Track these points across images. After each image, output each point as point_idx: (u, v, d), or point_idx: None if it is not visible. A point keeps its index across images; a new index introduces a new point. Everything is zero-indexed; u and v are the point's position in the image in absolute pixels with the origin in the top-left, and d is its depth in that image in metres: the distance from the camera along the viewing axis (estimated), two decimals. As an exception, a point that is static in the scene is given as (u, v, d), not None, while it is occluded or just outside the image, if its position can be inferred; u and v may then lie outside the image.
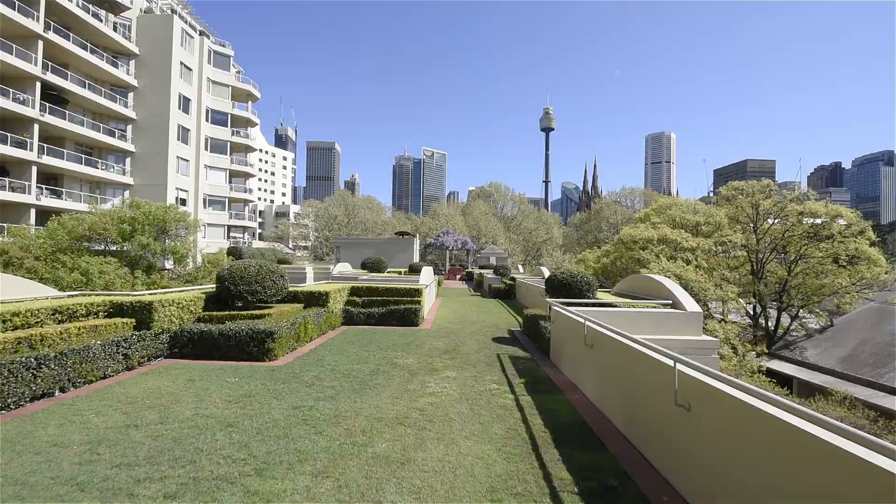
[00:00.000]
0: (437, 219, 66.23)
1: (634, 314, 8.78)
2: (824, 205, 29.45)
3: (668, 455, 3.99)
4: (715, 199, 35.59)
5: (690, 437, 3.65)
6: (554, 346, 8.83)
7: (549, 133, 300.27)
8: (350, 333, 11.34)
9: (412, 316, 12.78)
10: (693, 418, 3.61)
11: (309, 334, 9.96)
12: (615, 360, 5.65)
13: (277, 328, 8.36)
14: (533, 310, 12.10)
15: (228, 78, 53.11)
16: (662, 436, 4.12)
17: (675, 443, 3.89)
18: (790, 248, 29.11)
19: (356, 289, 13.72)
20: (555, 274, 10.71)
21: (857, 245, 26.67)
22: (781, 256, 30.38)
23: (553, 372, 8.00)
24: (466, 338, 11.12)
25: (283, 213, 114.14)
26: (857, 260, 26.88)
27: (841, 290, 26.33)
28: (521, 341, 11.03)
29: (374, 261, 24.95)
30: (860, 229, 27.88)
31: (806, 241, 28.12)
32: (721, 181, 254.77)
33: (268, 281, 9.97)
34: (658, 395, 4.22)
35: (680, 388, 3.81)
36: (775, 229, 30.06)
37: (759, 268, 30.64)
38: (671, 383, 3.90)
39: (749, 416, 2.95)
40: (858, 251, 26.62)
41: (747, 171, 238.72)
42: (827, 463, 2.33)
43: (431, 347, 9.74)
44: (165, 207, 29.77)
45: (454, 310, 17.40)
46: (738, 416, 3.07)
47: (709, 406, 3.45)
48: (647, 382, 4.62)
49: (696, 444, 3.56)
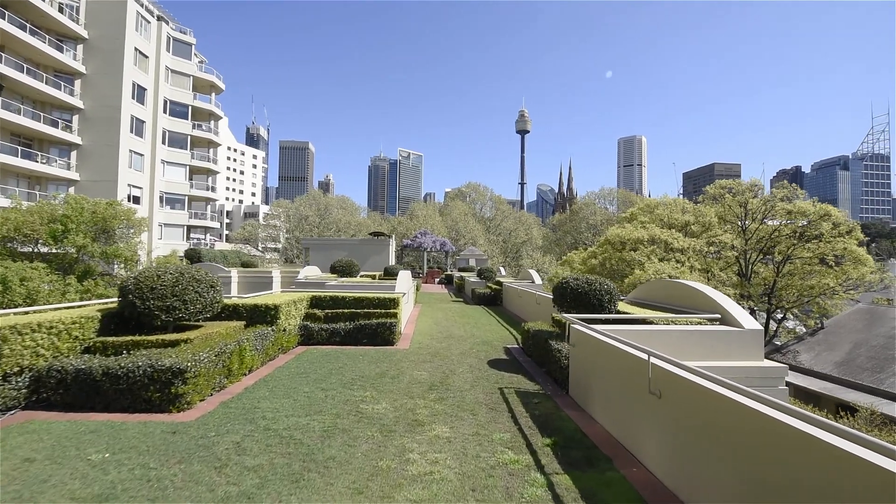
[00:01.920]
0: (415, 219, 63.70)
1: (678, 334, 6.68)
2: (812, 203, 28.79)
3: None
4: (702, 198, 34.50)
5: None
6: (577, 377, 6.62)
7: (525, 135, 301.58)
8: (306, 359, 8.82)
9: (386, 333, 10.37)
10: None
11: (247, 365, 7.42)
12: (714, 424, 3.47)
13: (192, 362, 5.82)
14: (534, 324, 9.89)
15: (189, 67, 49.36)
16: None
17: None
18: (778, 248, 28.32)
19: (318, 299, 11.18)
20: (566, 281, 8.51)
21: (845, 245, 25.94)
22: (768, 258, 29.64)
23: (582, 418, 5.76)
24: (455, 362, 8.79)
25: (253, 213, 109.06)
26: (842, 260, 26.28)
27: (828, 290, 25.60)
28: (522, 365, 8.80)
29: (344, 264, 22.31)
30: (848, 229, 27.25)
31: (794, 241, 27.32)
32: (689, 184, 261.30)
33: (191, 293, 7.38)
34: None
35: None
36: (763, 229, 29.27)
37: (748, 269, 29.70)
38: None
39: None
40: (847, 251, 25.91)
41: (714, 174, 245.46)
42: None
43: (412, 380, 7.35)
44: (107, 204, 26.34)
45: (436, 320, 15.04)
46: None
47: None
48: (794, 476, 2.46)
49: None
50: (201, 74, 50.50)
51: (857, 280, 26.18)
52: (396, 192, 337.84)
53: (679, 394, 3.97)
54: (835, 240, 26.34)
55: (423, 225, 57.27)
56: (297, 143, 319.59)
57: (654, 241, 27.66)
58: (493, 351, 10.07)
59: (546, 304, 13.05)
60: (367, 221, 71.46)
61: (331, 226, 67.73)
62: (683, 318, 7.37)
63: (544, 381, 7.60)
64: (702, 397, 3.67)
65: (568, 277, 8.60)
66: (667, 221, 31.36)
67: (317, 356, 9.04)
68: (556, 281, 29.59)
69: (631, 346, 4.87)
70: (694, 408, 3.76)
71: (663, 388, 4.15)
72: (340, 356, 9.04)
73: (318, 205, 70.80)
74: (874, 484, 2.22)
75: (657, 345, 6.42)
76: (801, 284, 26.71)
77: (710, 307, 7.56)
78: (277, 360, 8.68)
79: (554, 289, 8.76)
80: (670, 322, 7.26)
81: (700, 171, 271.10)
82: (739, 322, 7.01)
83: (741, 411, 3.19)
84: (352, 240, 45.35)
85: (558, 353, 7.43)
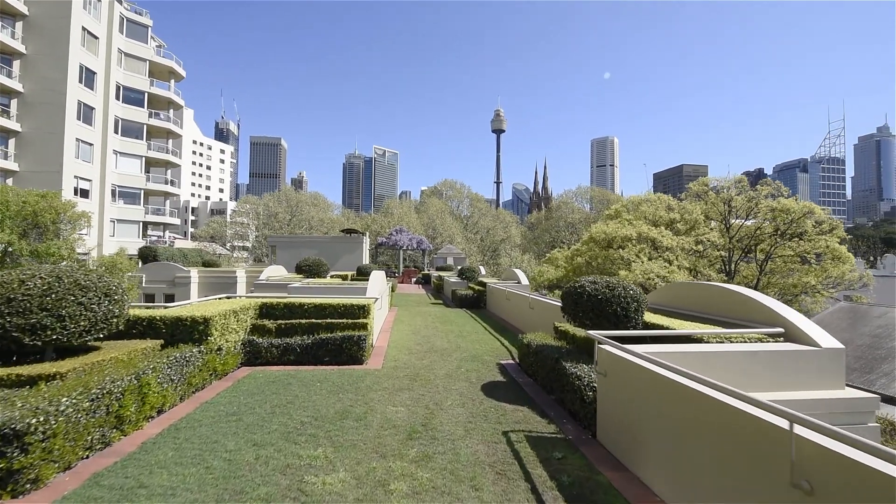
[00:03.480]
0: (390, 216, 61.33)
1: (741, 356, 5.00)
2: (795, 200, 28.45)
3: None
4: (684, 195, 33.81)
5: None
6: (611, 418, 4.85)
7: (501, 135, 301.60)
8: (247, 388, 6.73)
9: (354, 348, 8.35)
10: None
11: (152, 405, 5.31)
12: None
13: (41, 417, 3.73)
14: (534, 336, 8.10)
15: (146, 51, 45.69)
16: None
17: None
18: (760, 246, 27.88)
19: (269, 308, 9.05)
20: (581, 285, 6.73)
21: (827, 243, 25.55)
22: (749, 257, 29.23)
23: (632, 486, 3.98)
24: (441, 388, 6.88)
25: (220, 210, 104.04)
26: (822, 258, 26.02)
27: (809, 288, 25.24)
28: (524, 389, 6.99)
29: (311, 263, 20.05)
30: (831, 227, 26.92)
31: (777, 239, 26.89)
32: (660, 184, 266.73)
33: (70, 305, 5.21)
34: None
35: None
36: (747, 228, 28.78)
37: (733, 267, 29.08)
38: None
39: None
40: (829, 248, 25.54)
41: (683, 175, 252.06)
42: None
43: (385, 422, 5.39)
44: (38, 195, 23.29)
45: (415, 328, 13.08)
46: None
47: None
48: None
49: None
50: (159, 59, 46.88)
51: (838, 278, 25.92)
52: (371, 191, 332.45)
53: (858, 493, 2.22)
54: (817, 238, 25.97)
55: (398, 222, 55.04)
56: (269, 139, 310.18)
57: (641, 238, 26.57)
58: (484, 370, 8.20)
59: (542, 310, 11.31)
60: (341, 219, 68.66)
61: (302, 223, 64.69)
62: (737, 333, 5.70)
63: (557, 416, 5.80)
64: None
65: (583, 280, 6.82)
66: (652, 219, 30.39)
67: (261, 383, 6.95)
68: (541, 280, 28.00)
69: (744, 401, 3.06)
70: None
71: (821, 478, 2.39)
72: (293, 383, 6.97)
73: (288, 201, 67.53)
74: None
75: (715, 371, 4.73)
76: (784, 283, 26.36)
77: (767, 319, 5.93)
78: (207, 391, 6.56)
79: (564, 294, 6.96)
80: (724, 339, 5.58)
81: (670, 172, 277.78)
82: (813, 339, 5.38)
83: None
84: (322, 237, 42.81)
85: (577, 381, 5.64)
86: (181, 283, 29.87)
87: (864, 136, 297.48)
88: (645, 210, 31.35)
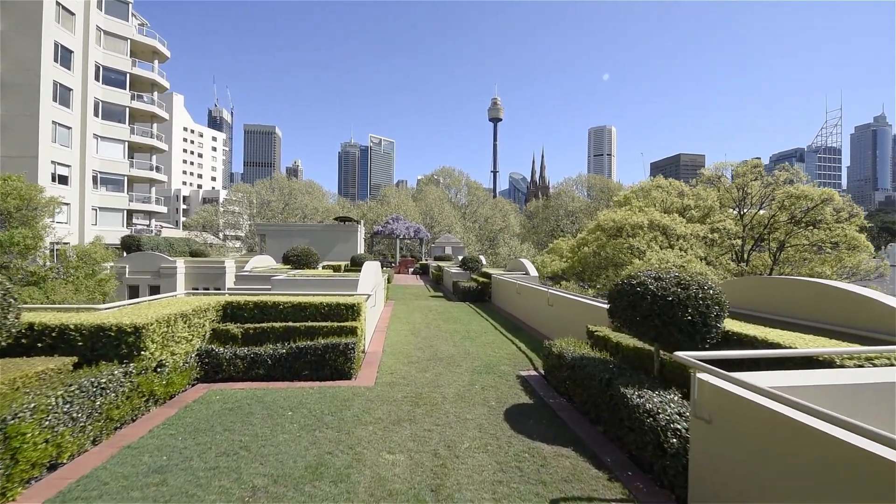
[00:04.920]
0: (386, 205, 59.36)
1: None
2: (813, 187, 27.01)
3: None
4: (695, 181, 32.25)
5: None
6: (724, 486, 3.20)
7: (498, 123, 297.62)
8: (192, 420, 5.00)
9: (339, 359, 6.64)
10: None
11: (31, 462, 3.60)
12: None
13: None
14: (565, 343, 6.44)
15: (127, 30, 43.15)
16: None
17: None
18: (774, 234, 26.44)
19: (235, 308, 7.30)
20: (640, 281, 5.02)
21: (846, 231, 24.08)
22: (760, 245, 27.87)
23: None
24: (453, 418, 5.18)
25: (213, 199, 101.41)
26: (838, 247, 24.64)
27: (825, 279, 23.90)
28: (559, 416, 5.34)
29: (300, 253, 18.25)
30: (850, 213, 25.42)
31: (792, 227, 25.44)
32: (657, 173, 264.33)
33: None
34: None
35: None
36: (760, 216, 27.33)
37: (747, 256, 27.62)
38: None
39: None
40: (848, 237, 24.08)
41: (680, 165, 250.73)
42: None
43: (375, 484, 3.68)
44: (1, 178, 21.45)
45: (414, 327, 11.38)
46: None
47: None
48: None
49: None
50: (141, 38, 44.34)
51: (853, 268, 24.58)
52: (367, 180, 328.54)
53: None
54: (836, 226, 24.50)
55: (395, 210, 53.10)
56: (264, 128, 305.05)
57: (653, 226, 24.94)
58: (504, 386, 6.52)
59: (565, 308, 9.62)
60: (335, 207, 66.53)
61: (296, 212, 62.64)
62: (874, 352, 4.05)
63: (617, 464, 4.15)
64: None
65: (641, 275, 5.11)
66: (664, 206, 28.77)
67: (215, 412, 5.24)
68: (545, 271, 26.30)
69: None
70: None
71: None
72: (256, 411, 5.26)
73: (281, 189, 65.32)
74: None
75: (866, 413, 3.10)
76: (797, 273, 25.09)
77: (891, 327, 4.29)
78: (137, 425, 4.84)
79: (616, 293, 5.26)
80: (863, 361, 3.92)
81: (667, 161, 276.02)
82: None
83: None
84: (315, 225, 40.87)
85: (648, 419, 3.99)
86: (167, 273, 28.16)
87: (861, 125, 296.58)
88: (656, 196, 29.71)
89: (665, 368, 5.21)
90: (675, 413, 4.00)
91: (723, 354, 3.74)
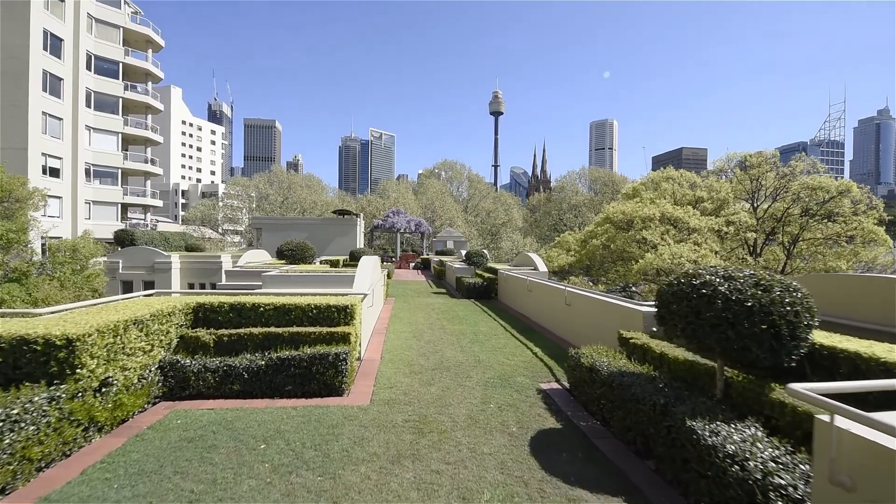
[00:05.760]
0: (387, 198, 58.21)
1: None
2: (831, 178, 25.99)
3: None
4: (705, 173, 31.17)
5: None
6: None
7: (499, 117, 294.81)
8: (135, 458, 3.95)
9: (329, 373, 5.60)
10: None
11: None
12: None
13: None
14: (597, 354, 5.42)
15: (119, 17, 41.89)
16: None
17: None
18: (788, 228, 25.44)
19: (208, 310, 6.25)
20: (704, 281, 3.97)
21: (863, 224, 23.06)
22: (771, 239, 26.90)
23: None
24: (466, 452, 4.14)
25: (212, 193, 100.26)
26: (853, 241, 23.70)
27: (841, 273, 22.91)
28: (598, 448, 4.34)
29: (295, 247, 17.21)
30: (868, 206, 24.34)
31: (808, 220, 24.47)
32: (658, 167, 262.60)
33: None
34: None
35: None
36: (775, 208, 26.31)
37: (760, 249, 26.60)
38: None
39: None
40: (865, 230, 23.06)
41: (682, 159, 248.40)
42: None
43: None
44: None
45: (416, 329, 10.35)
46: None
47: None
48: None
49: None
50: (134, 26, 43.07)
51: (869, 262, 23.67)
52: (368, 174, 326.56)
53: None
54: (853, 219, 23.49)
55: (395, 205, 51.96)
56: (264, 122, 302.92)
57: (665, 219, 23.88)
58: (524, 404, 5.49)
59: (587, 309, 8.56)
60: (335, 201, 65.38)
61: (295, 205, 61.56)
62: None
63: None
64: None
65: (705, 273, 4.06)
66: (675, 197, 27.68)
67: (169, 446, 4.21)
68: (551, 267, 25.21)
69: None
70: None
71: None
72: (221, 442, 4.24)
73: (280, 183, 64.17)
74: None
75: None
76: (811, 268, 24.18)
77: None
78: (69, 465, 3.82)
79: (670, 294, 4.20)
80: None
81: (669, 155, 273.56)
82: None
83: None
84: (312, 219, 39.74)
85: (735, 470, 2.97)
86: (161, 269, 27.26)
87: (864, 118, 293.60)
88: (666, 188, 28.58)
89: (731, 389, 4.17)
90: (769, 460, 2.96)
91: (840, 387, 2.68)
